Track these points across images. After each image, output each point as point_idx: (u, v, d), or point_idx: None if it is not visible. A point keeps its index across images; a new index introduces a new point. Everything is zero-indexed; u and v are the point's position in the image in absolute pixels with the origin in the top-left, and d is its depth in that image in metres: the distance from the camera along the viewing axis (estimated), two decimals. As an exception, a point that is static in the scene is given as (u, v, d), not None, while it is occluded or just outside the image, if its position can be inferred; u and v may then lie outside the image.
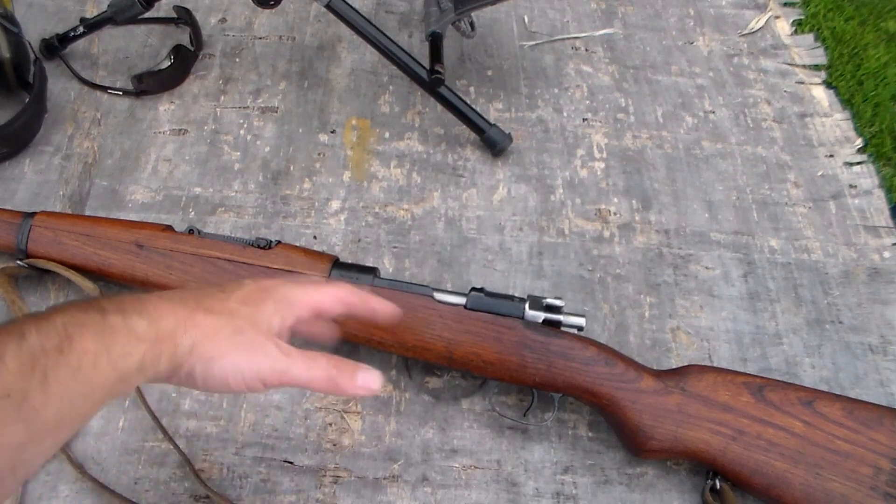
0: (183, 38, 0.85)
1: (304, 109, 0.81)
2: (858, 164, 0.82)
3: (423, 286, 0.58)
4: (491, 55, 0.90)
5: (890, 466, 0.53)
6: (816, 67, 0.93)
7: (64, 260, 0.60)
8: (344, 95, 0.83)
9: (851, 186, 0.80)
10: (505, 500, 0.56)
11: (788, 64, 0.93)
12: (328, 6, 0.74)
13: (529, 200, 0.76)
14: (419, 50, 0.80)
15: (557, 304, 0.57)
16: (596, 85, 0.88)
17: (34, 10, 0.87)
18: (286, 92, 0.83)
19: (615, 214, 0.75)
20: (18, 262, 0.61)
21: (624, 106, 0.86)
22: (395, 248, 0.70)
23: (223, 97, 0.81)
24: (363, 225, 0.72)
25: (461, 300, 0.57)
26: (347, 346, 0.59)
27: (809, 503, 0.53)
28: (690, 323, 0.68)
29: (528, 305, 0.57)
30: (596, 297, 0.69)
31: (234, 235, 0.61)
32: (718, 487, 0.55)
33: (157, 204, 0.71)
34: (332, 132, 0.79)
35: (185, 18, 0.85)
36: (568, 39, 0.93)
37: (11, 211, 0.62)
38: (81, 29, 0.80)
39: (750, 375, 0.57)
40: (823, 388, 0.63)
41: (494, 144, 0.77)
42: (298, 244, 0.62)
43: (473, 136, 0.78)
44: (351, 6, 0.74)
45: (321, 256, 0.60)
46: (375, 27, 0.75)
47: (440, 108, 0.78)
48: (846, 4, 1.75)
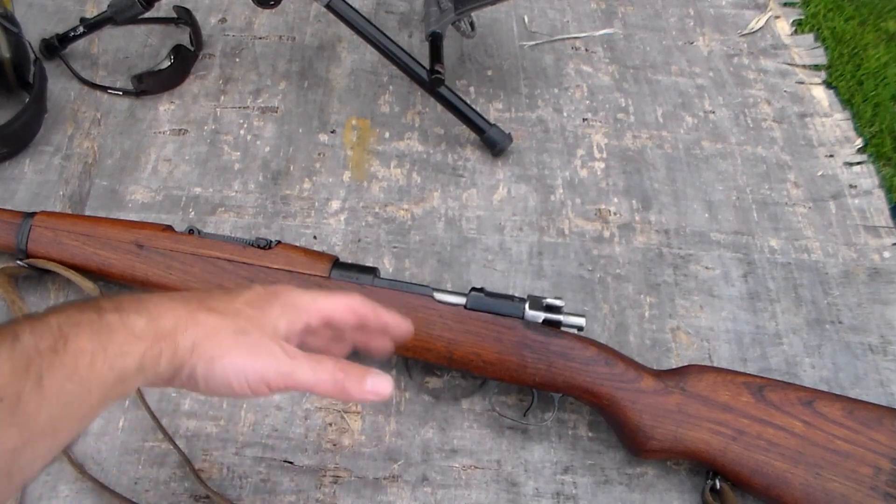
0: (183, 38, 0.85)
1: (304, 109, 0.81)
2: (858, 164, 0.82)
3: (423, 286, 0.58)
4: (491, 55, 0.90)
5: (890, 466, 0.53)
6: (816, 67, 0.93)
7: (64, 260, 0.60)
8: (344, 95, 0.83)
9: (851, 186, 0.80)
10: (505, 500, 0.56)
11: (788, 64, 0.93)
12: (328, 6, 0.74)
13: (529, 200, 0.76)
14: (419, 50, 0.80)
15: (557, 304, 0.57)
16: (596, 85, 0.88)
17: (34, 10, 0.87)
18: (286, 92, 0.83)
19: (615, 214, 0.75)
20: (18, 262, 0.61)
21: (624, 106, 0.86)
22: (395, 248, 0.70)
23: (223, 97, 0.81)
24: (363, 225, 0.72)
25: (461, 300, 0.57)
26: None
27: (809, 503, 0.53)
28: (690, 323, 0.68)
29: (528, 305, 0.57)
30: (596, 297, 0.69)
31: (234, 235, 0.61)
32: (718, 487, 0.56)
33: (157, 204, 0.71)
34: (332, 132, 0.79)
35: (185, 18, 0.85)
36: (568, 39, 0.93)
37: (11, 211, 0.62)
38: (81, 29, 0.80)
39: (750, 375, 0.57)
40: (823, 388, 0.63)
41: (494, 144, 0.77)
42: (298, 244, 0.62)
43: (473, 136, 0.78)
44: (351, 6, 0.74)
45: (321, 256, 0.60)
46: (375, 27, 0.75)
47: (440, 108, 0.78)
48: (846, 4, 1.75)
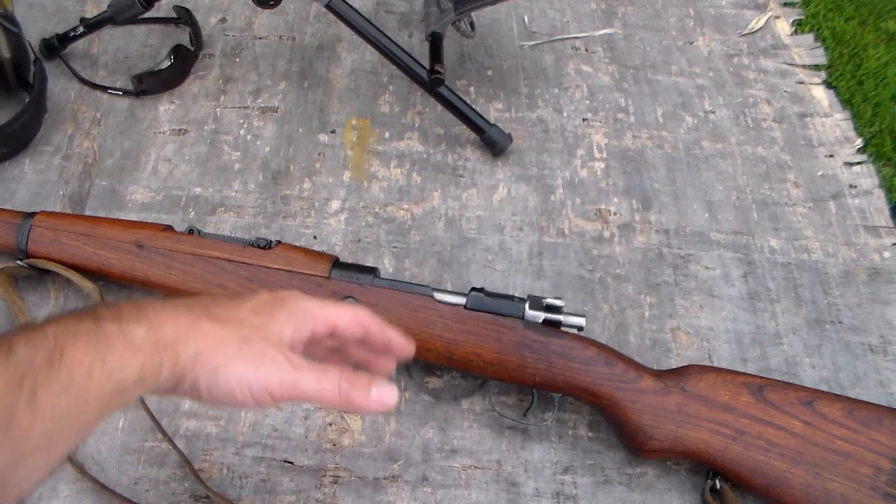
0: (183, 38, 0.85)
1: (304, 109, 0.81)
2: (858, 164, 0.82)
3: (423, 286, 0.58)
4: (491, 55, 0.90)
5: (890, 466, 0.53)
6: (816, 67, 0.93)
7: (64, 260, 0.60)
8: (344, 95, 0.83)
9: (851, 186, 0.80)
10: (505, 500, 0.56)
11: (788, 64, 0.93)
12: (328, 6, 0.74)
13: (529, 200, 0.76)
14: (419, 50, 0.80)
15: (557, 304, 0.57)
16: (596, 85, 0.88)
17: (34, 10, 0.87)
18: (286, 92, 0.83)
19: (615, 214, 0.75)
20: (18, 262, 0.61)
21: (624, 106, 0.86)
22: (395, 248, 0.70)
23: (223, 97, 0.81)
24: (363, 225, 0.72)
25: (461, 300, 0.57)
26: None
27: (809, 503, 0.53)
28: (690, 323, 0.68)
29: (528, 305, 0.57)
30: (596, 297, 0.69)
31: (234, 235, 0.61)
32: (718, 487, 0.56)
33: (157, 204, 0.71)
34: (332, 132, 0.79)
35: (185, 18, 0.85)
36: (568, 39, 0.93)
37: (11, 211, 0.62)
38: (81, 29, 0.80)
39: (750, 375, 0.57)
40: (823, 388, 0.63)
41: (494, 144, 0.77)
42: (298, 244, 0.62)
43: (473, 136, 0.78)
44: (351, 6, 0.74)
45: (321, 256, 0.60)
46: (375, 27, 0.75)
47: (440, 108, 0.78)
48: (846, 4, 1.75)
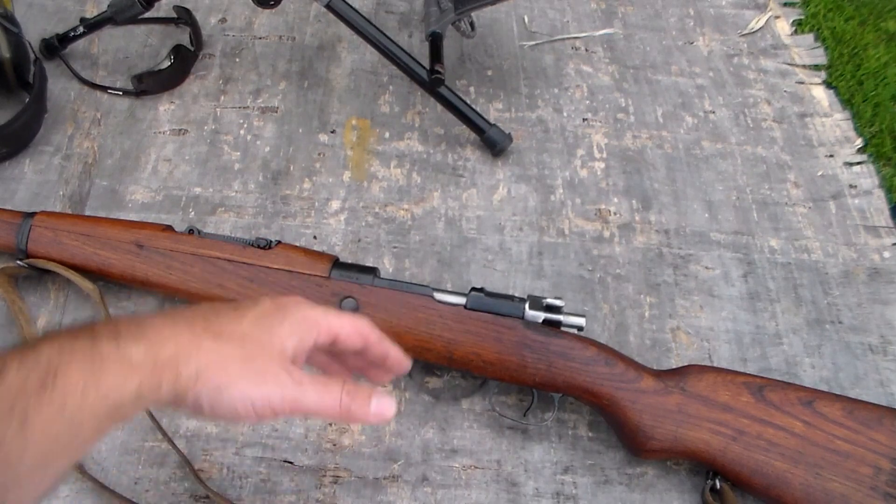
0: (183, 38, 0.85)
1: (304, 109, 0.81)
2: (858, 164, 0.82)
3: (423, 286, 0.58)
4: (491, 55, 0.90)
5: (890, 466, 0.53)
6: (816, 67, 0.93)
7: (64, 260, 0.60)
8: (344, 95, 0.83)
9: (851, 186, 0.80)
10: (505, 500, 0.56)
11: (788, 64, 0.93)
12: (328, 6, 0.74)
13: (529, 200, 0.76)
14: (419, 50, 0.80)
15: (557, 304, 0.57)
16: (596, 85, 0.88)
17: (34, 10, 0.87)
18: (286, 92, 0.83)
19: (615, 214, 0.75)
20: (18, 262, 0.61)
21: (624, 106, 0.86)
22: (395, 248, 0.70)
23: (223, 97, 0.81)
24: (363, 225, 0.72)
25: (461, 300, 0.57)
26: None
27: (809, 503, 0.53)
28: (690, 323, 0.68)
29: (528, 305, 0.57)
30: (596, 297, 0.69)
31: (234, 235, 0.61)
32: (718, 487, 0.56)
33: (157, 204, 0.71)
34: (332, 132, 0.79)
35: (185, 18, 0.85)
36: (568, 39, 0.93)
37: (11, 211, 0.62)
38: (81, 29, 0.80)
39: (750, 375, 0.57)
40: (823, 388, 0.63)
41: (494, 144, 0.77)
42: (298, 244, 0.62)
43: (473, 136, 0.78)
44: (351, 6, 0.74)
45: (321, 256, 0.60)
46: (375, 27, 0.75)
47: (440, 108, 0.78)
48: (846, 4, 1.75)
